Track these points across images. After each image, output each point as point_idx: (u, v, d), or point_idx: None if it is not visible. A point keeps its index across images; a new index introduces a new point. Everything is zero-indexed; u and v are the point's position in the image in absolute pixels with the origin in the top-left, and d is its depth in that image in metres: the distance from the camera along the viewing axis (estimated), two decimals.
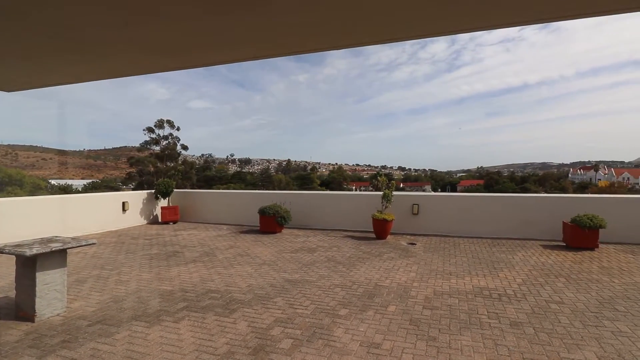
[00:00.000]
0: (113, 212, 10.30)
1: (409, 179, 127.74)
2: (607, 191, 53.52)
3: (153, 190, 11.64)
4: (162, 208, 11.45)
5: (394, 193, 9.14)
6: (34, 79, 3.62)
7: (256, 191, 13.99)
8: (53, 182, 50.68)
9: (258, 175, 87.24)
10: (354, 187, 79.32)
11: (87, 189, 49.21)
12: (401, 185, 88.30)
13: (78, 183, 58.67)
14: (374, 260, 6.66)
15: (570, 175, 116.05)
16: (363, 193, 12.57)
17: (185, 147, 48.05)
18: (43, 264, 4.04)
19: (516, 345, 3.43)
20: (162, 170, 44.69)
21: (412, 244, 8.04)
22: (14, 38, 2.48)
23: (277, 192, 12.13)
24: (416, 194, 10.12)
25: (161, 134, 46.20)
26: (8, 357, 3.26)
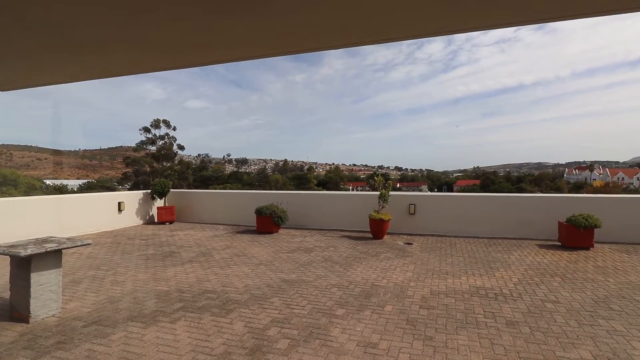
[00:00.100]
0: (109, 213, 10.25)
1: (406, 179, 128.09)
2: (602, 191, 53.89)
3: (149, 190, 11.59)
4: (159, 208, 11.41)
5: (391, 193, 9.16)
6: (29, 78, 3.59)
7: (253, 191, 13.97)
8: (48, 182, 50.32)
9: (255, 175, 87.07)
10: (351, 187, 79.39)
11: (83, 189, 48.95)
12: (398, 185, 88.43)
13: (73, 183, 58.30)
14: (371, 260, 6.67)
15: (565, 175, 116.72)
16: (360, 193, 12.58)
17: (181, 147, 47.80)
18: (38, 265, 4.01)
19: (512, 344, 3.44)
20: (159, 170, 44.49)
21: (409, 244, 8.05)
22: (8, 37, 2.47)
23: (274, 192, 12.12)
24: (413, 194, 10.14)
25: (157, 134, 45.90)
26: (2, 359, 3.23)
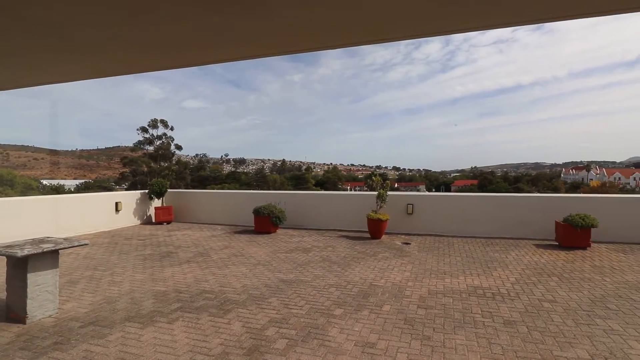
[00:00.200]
0: (106, 213, 10.21)
1: (404, 179, 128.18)
2: (599, 191, 54.16)
3: (146, 190, 11.55)
4: (156, 208, 11.38)
5: (389, 193, 9.16)
6: (28, 77, 3.57)
7: (251, 191, 13.95)
8: (45, 182, 50.17)
9: (253, 175, 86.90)
10: (349, 187, 79.38)
11: (80, 189, 48.77)
12: (396, 185, 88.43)
13: (70, 183, 58.12)
14: (369, 260, 6.68)
15: (562, 175, 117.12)
16: (358, 193, 12.59)
17: (179, 147, 47.68)
18: (34, 265, 3.99)
19: (510, 343, 3.45)
20: (156, 170, 44.36)
21: (407, 244, 8.07)
22: (8, 36, 2.45)
23: (272, 192, 12.11)
24: (411, 194, 10.16)
25: (155, 134, 45.77)
26: None
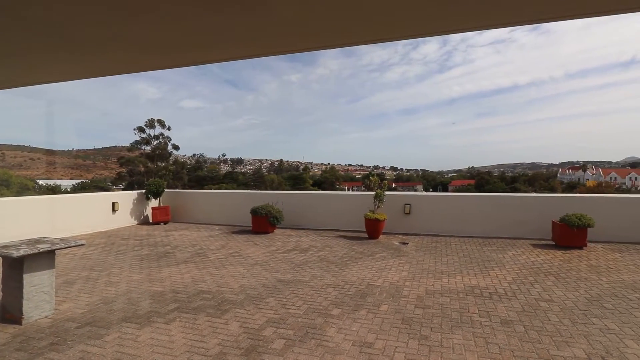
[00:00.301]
0: (103, 213, 10.17)
1: (401, 179, 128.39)
2: (595, 191, 54.40)
3: (144, 190, 11.51)
4: (153, 208, 11.34)
5: (386, 193, 9.18)
6: (22, 77, 3.54)
7: (248, 191, 13.93)
8: (41, 183, 49.88)
9: (250, 175, 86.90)
10: (347, 187, 79.42)
11: (76, 189, 48.56)
12: (393, 185, 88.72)
13: (67, 183, 57.84)
14: (367, 259, 6.68)
15: (559, 175, 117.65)
16: (355, 193, 12.60)
17: (176, 147, 47.48)
18: (30, 266, 3.97)
19: (507, 343, 3.47)
20: (153, 170, 44.20)
21: (404, 244, 8.08)
22: (8, 36, 2.43)
23: (270, 192, 12.10)
24: (408, 194, 10.17)
25: (152, 134, 45.55)
26: None
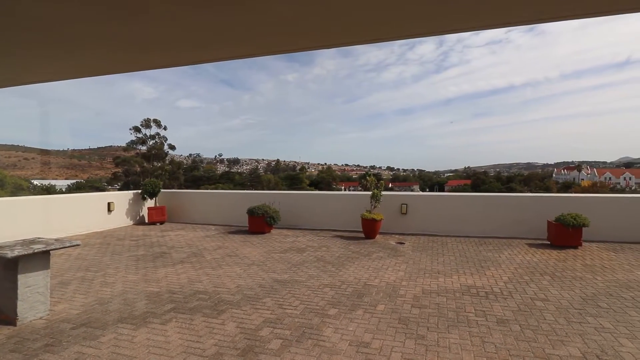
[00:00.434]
0: (98, 213, 10.11)
1: (398, 179, 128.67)
2: (590, 191, 54.80)
3: (139, 190, 11.46)
4: (149, 208, 11.29)
5: (383, 193, 9.19)
6: (13, 76, 3.51)
7: (245, 191, 13.90)
8: (36, 183, 49.50)
9: (247, 175, 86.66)
10: (343, 187, 79.38)
11: (71, 190, 48.23)
12: (390, 185, 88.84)
13: (62, 183, 57.47)
14: (363, 259, 6.69)
15: (554, 175, 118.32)
16: (352, 193, 12.60)
17: (172, 147, 47.36)
18: (25, 266, 3.94)
19: (503, 342, 3.48)
20: (149, 170, 44.04)
21: (401, 244, 8.09)
22: None
23: (266, 192, 12.08)
24: (405, 194, 10.19)
25: (148, 134, 45.39)
26: None
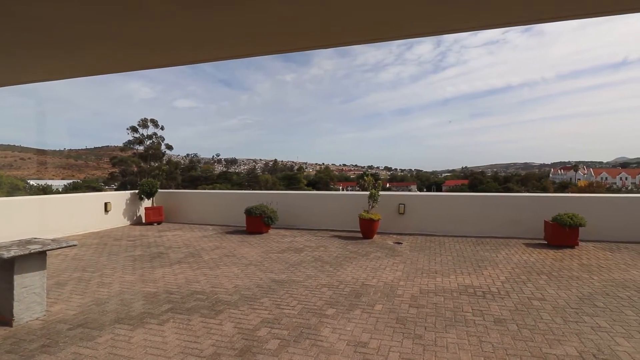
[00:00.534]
0: (95, 213, 10.07)
1: (395, 179, 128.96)
2: (587, 190, 55.00)
3: (136, 190, 11.42)
4: (146, 208, 11.25)
5: (381, 193, 9.19)
6: (8, 76, 3.49)
7: (242, 191, 13.88)
8: (32, 183, 49.25)
9: (244, 175, 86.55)
10: (341, 187, 79.51)
11: (68, 190, 48.03)
12: (387, 185, 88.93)
13: (58, 183, 57.19)
14: (361, 259, 6.69)
15: (551, 175, 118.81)
16: (350, 193, 12.61)
17: (170, 147, 47.29)
18: (21, 267, 3.92)
19: (500, 341, 3.49)
20: (146, 170, 43.90)
21: (399, 243, 8.10)
22: None
23: (264, 192, 12.07)
24: (402, 194, 10.21)
25: (145, 134, 45.28)
26: None
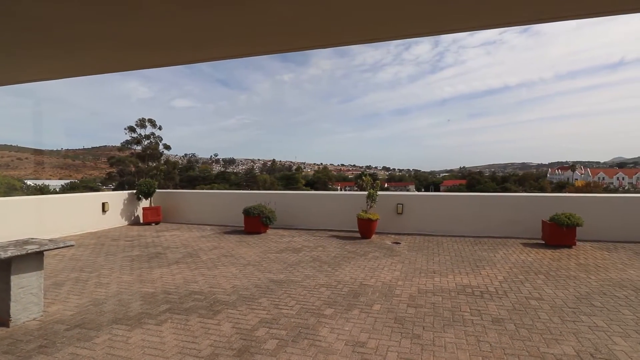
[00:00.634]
0: (92, 213, 10.04)
1: (393, 179, 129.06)
2: (584, 190, 55.24)
3: (134, 190, 11.39)
4: (144, 209, 11.23)
5: (379, 193, 9.20)
6: (8, 75, 3.48)
7: (240, 191, 13.87)
8: (29, 183, 48.99)
9: (242, 175, 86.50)
10: (339, 187, 79.49)
11: (65, 190, 47.82)
12: (385, 185, 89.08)
13: (55, 183, 56.90)
14: (359, 259, 6.69)
15: (548, 175, 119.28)
16: (348, 193, 12.62)
17: (167, 147, 47.12)
18: (18, 267, 3.90)
19: (498, 341, 3.50)
20: (144, 170, 43.81)
21: (397, 243, 8.11)
22: None
23: (262, 192, 12.06)
24: (400, 194, 10.22)
25: (143, 133, 45.15)
26: None
